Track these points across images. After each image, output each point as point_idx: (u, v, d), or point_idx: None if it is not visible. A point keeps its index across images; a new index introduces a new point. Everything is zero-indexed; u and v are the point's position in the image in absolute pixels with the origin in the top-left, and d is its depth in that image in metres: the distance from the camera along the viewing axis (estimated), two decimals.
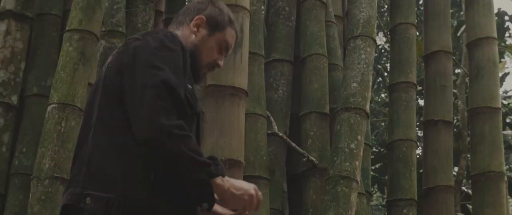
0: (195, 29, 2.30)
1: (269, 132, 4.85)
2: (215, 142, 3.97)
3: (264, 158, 4.68)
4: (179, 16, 2.39)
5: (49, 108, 3.80)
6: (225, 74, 4.09)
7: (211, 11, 2.34)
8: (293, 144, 4.89)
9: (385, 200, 6.17)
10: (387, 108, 7.10)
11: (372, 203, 10.09)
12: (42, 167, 3.68)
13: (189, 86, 2.14)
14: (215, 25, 2.31)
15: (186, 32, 2.31)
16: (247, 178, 4.37)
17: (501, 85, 9.79)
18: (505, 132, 8.02)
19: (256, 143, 4.67)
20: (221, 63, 2.34)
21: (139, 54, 2.02)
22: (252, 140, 4.63)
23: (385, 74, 10.67)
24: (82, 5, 4.03)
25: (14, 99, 4.45)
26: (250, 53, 4.43)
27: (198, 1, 2.40)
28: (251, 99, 4.61)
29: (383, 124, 10.28)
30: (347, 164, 4.37)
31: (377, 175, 9.58)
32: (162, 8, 5.99)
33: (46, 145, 3.69)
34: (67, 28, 4.03)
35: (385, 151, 8.24)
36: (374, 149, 9.40)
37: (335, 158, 4.45)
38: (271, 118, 4.93)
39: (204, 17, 2.31)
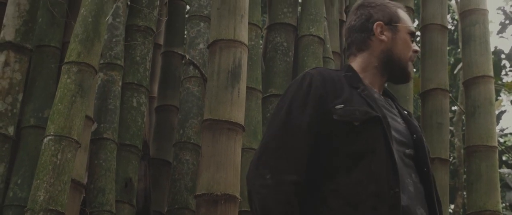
0: (382, 36, 2.25)
1: None
2: (212, 177, 3.97)
3: None
4: (350, 48, 2.33)
5: (45, 140, 3.79)
6: (222, 108, 4.10)
7: (376, 12, 2.28)
8: None
9: None
10: None
11: None
12: (36, 199, 3.66)
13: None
14: (390, 20, 2.27)
15: (374, 48, 2.27)
16: (242, 214, 4.36)
17: (498, 123, 9.81)
18: (501, 170, 8.01)
19: None
20: (416, 47, 2.31)
21: None
22: None
23: None
24: (81, 37, 4.05)
25: (11, 130, 4.45)
26: (247, 88, 4.45)
27: (352, 21, 2.32)
28: (248, 134, 4.62)
29: None
30: None
31: None
32: (161, 41, 6.02)
33: (41, 177, 3.68)
34: (65, 60, 4.04)
35: None
36: None
37: None
38: None
39: (379, 22, 2.26)
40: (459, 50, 8.78)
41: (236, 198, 3.96)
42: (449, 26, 8.87)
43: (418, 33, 6.90)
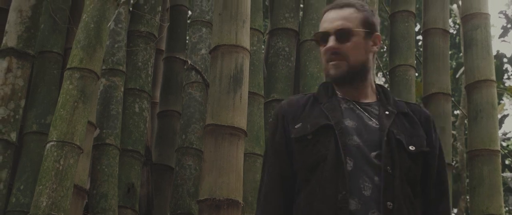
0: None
1: None
2: (214, 182, 3.96)
3: None
4: None
5: (48, 145, 3.80)
6: (224, 113, 4.10)
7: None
8: None
9: None
10: None
11: None
12: (39, 205, 3.66)
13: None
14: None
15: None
16: None
17: (500, 127, 9.79)
18: (504, 174, 8.00)
19: (255, 183, 4.65)
20: (327, 46, 2.32)
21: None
22: (251, 180, 4.62)
23: None
24: (83, 43, 4.05)
25: (13, 136, 4.45)
26: (249, 93, 4.45)
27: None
28: (250, 139, 4.62)
29: None
30: None
31: None
32: (163, 47, 6.03)
33: (44, 182, 3.68)
34: (68, 66, 4.05)
35: None
36: None
37: None
38: None
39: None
40: (461, 54, 8.77)
41: (238, 203, 3.96)
42: (451, 30, 8.88)
43: (420, 37, 6.90)
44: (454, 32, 10.82)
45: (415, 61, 5.89)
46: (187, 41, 6.10)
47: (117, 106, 4.79)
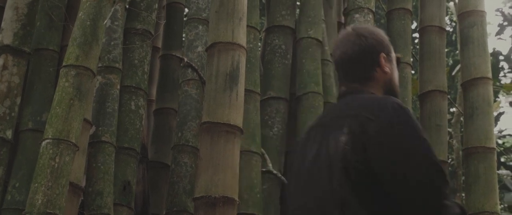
0: (386, 68, 2.25)
1: (263, 169, 4.85)
2: (210, 179, 3.97)
3: (258, 195, 4.67)
4: (347, 78, 2.28)
5: (43, 143, 3.79)
6: (220, 111, 4.10)
7: (378, 43, 2.27)
8: None
9: None
10: None
11: None
12: (34, 203, 3.66)
13: None
14: (389, 51, 2.29)
15: (379, 79, 2.26)
16: None
17: (496, 124, 9.81)
18: (499, 171, 8.01)
19: (251, 181, 4.66)
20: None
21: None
22: (247, 177, 4.62)
23: None
24: (80, 41, 4.05)
25: (9, 133, 4.45)
26: (246, 90, 4.45)
27: (349, 49, 2.27)
28: (246, 137, 4.62)
29: None
30: None
31: None
32: (159, 44, 6.02)
33: (39, 180, 3.67)
34: (64, 63, 4.04)
35: None
36: None
37: None
38: (266, 156, 4.93)
39: (383, 53, 2.25)
40: (457, 51, 8.78)
41: (234, 200, 3.96)
42: (448, 28, 8.88)
43: (416, 35, 6.91)
44: (451, 30, 10.83)
45: (412, 59, 5.89)
46: (183, 39, 6.10)
47: (113, 103, 4.79)
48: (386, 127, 2.01)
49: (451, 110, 8.65)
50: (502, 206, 8.54)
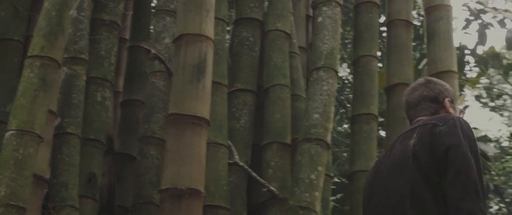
0: (450, 109, 2.84)
1: (230, 161, 4.85)
2: (177, 171, 3.96)
3: (225, 187, 4.67)
4: (422, 112, 2.89)
5: (7, 134, 3.75)
6: (187, 103, 4.09)
7: (446, 90, 2.90)
8: (254, 174, 4.89)
9: None
10: (349, 139, 7.13)
11: None
12: None
13: None
14: (453, 99, 2.90)
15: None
16: (207, 208, 4.36)
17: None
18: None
19: (217, 173, 4.66)
20: None
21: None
22: (213, 169, 4.62)
23: (348, 105, 10.75)
24: (45, 31, 4.00)
25: None
26: (213, 82, 4.44)
27: (425, 91, 2.92)
28: (213, 128, 4.61)
29: (345, 154, 10.31)
30: (307, 194, 4.39)
31: (338, 205, 9.58)
32: (127, 35, 5.98)
33: (2, 172, 3.63)
34: (28, 54, 4.00)
35: (346, 182, 8.26)
36: (335, 180, 9.41)
37: (295, 189, 4.46)
38: (233, 148, 4.93)
39: (449, 99, 2.86)
40: (424, 45, 8.85)
41: (200, 192, 3.96)
42: (415, 22, 8.93)
43: (384, 28, 6.95)
44: (418, 24, 10.91)
45: (379, 52, 5.93)
46: (151, 30, 6.06)
47: (79, 95, 4.75)
48: (451, 127, 2.58)
49: None
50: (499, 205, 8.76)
